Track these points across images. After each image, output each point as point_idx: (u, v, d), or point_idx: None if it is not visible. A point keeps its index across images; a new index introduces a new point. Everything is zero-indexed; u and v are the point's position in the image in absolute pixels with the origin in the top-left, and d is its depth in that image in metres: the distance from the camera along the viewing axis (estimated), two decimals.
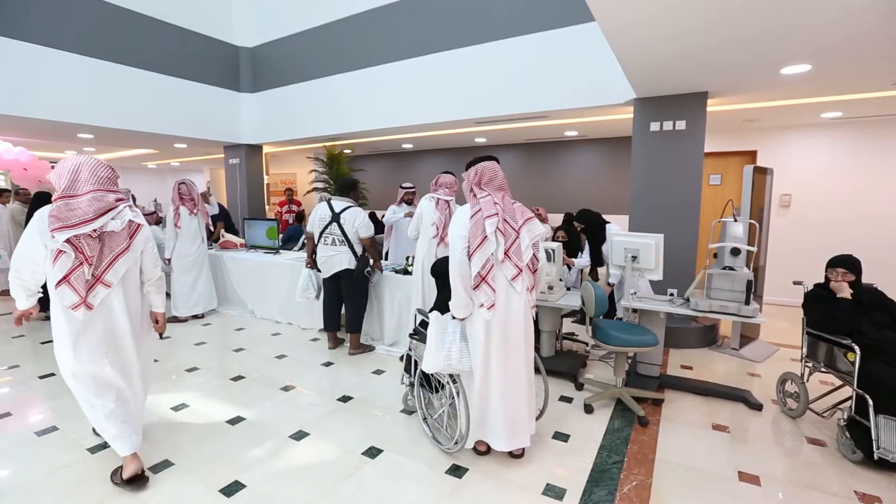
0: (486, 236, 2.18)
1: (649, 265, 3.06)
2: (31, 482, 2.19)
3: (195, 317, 4.99)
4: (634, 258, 3.09)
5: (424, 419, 2.59)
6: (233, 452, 2.45)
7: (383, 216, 5.12)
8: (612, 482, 2.19)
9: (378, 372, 3.55)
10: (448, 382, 2.37)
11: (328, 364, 3.71)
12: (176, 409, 2.95)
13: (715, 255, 3.20)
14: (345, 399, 3.07)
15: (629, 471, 2.28)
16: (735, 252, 3.03)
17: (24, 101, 5.12)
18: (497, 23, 5.14)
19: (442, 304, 2.41)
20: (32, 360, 3.80)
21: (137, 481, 2.13)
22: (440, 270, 2.67)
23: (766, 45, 2.80)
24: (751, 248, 3.00)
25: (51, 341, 4.20)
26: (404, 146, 8.66)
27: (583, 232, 4.47)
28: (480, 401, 2.29)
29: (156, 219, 6.10)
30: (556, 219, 7.32)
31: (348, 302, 3.85)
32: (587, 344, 4.16)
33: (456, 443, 2.35)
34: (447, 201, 3.75)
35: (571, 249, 4.61)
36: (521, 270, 2.24)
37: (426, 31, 5.68)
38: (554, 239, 4.75)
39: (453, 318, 2.28)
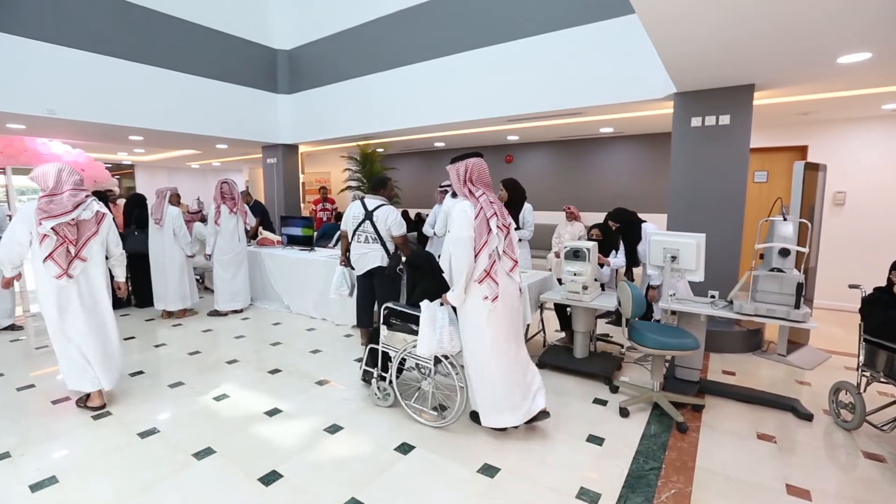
0: (490, 233, 2.39)
1: (690, 266, 2.95)
2: (88, 463, 2.33)
3: (235, 311, 5.18)
4: (674, 258, 2.98)
5: (407, 404, 2.82)
6: (271, 443, 2.53)
7: (417, 214, 5.15)
8: (649, 489, 2.13)
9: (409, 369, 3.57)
10: (442, 363, 2.64)
11: (361, 360, 3.76)
12: (217, 398, 3.07)
13: (762, 256, 3.05)
14: None
15: (667, 478, 2.21)
16: (784, 253, 2.87)
17: (83, 105, 5.46)
18: (530, 19, 5.08)
19: (426, 293, 2.64)
20: None
21: (99, 410, 2.87)
22: (416, 264, 2.91)
23: (820, 33, 2.64)
24: (802, 249, 2.84)
25: None
26: (436, 145, 8.69)
27: (618, 231, 4.35)
28: (491, 382, 2.48)
29: (200, 216, 6.37)
30: (589, 217, 7.18)
31: (381, 299, 3.88)
32: (622, 346, 4.05)
33: (444, 417, 2.70)
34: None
35: (606, 249, 4.50)
36: (516, 262, 2.52)
37: (458, 29, 5.67)
38: (588, 238, 4.64)
39: (441, 305, 2.54)
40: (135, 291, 5.47)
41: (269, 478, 2.21)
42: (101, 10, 5.51)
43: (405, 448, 2.46)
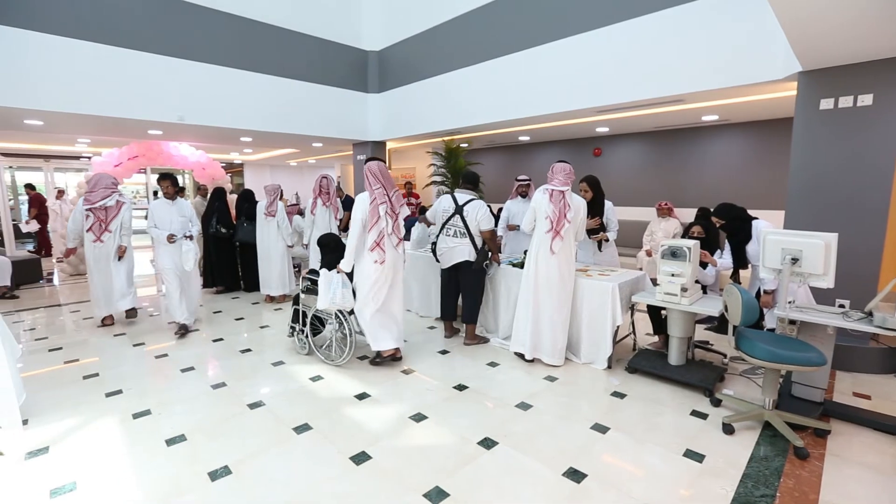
0: (378, 217, 3.27)
1: (815, 270, 2.58)
2: (209, 426, 2.65)
3: None
4: (795, 261, 2.63)
5: (319, 350, 3.69)
6: (360, 425, 2.68)
7: (499, 210, 5.13)
8: None
9: (492, 364, 3.58)
10: (339, 319, 3.49)
11: (444, 352, 3.85)
12: (313, 379, 3.32)
13: None
14: (460, 388, 3.16)
15: None
16: None
17: (205, 112, 6.19)
18: (623, 2, 4.76)
19: (327, 264, 3.50)
20: (207, 326, 4.60)
21: (108, 326, 4.62)
22: (324, 242, 3.77)
23: None
24: None
25: (221, 311, 4.98)
26: (521, 138, 8.54)
27: (722, 229, 3.94)
28: (379, 322, 3.43)
29: (298, 210, 6.91)
30: (685, 214, 6.60)
31: (465, 293, 3.93)
32: (725, 355, 3.68)
33: (343, 357, 3.54)
34: (562, 192, 3.48)
35: (708, 248, 4.10)
36: (401, 240, 3.43)
37: (545, 19, 5.50)
38: (687, 235, 4.26)
39: (337, 272, 3.31)
40: (243, 277, 6.10)
41: (360, 458, 2.34)
42: (217, 25, 6.17)
43: (488, 443, 2.47)
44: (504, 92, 6.07)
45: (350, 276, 3.40)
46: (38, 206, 8.89)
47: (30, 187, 9.33)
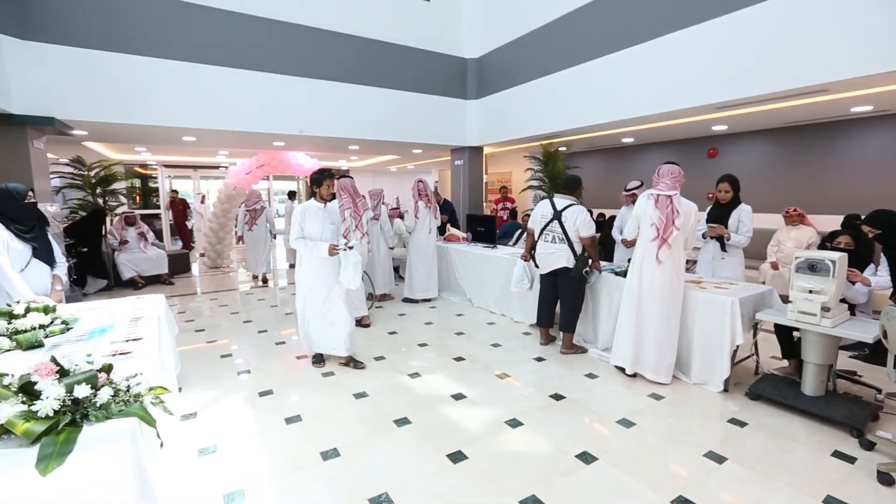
0: (344, 218, 4.14)
1: None
2: (321, 411, 2.92)
3: (425, 300, 5.77)
4: None
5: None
6: (457, 424, 2.74)
7: (599, 214, 4.91)
8: None
9: (591, 375, 3.43)
10: None
11: (540, 359, 3.78)
12: (412, 376, 3.47)
13: None
14: (557, 397, 3.08)
15: None
16: None
17: (319, 123, 6.82)
18: None
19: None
20: None
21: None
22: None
23: None
24: None
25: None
26: (624, 140, 8.08)
27: (876, 240, 3.33)
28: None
29: (398, 213, 7.28)
30: (821, 222, 5.70)
31: (564, 300, 3.82)
32: (879, 390, 3.11)
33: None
34: (669, 196, 3.18)
35: (858, 262, 3.49)
36: (365, 234, 4.49)
37: (653, 13, 5.13)
38: (829, 246, 3.67)
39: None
40: None
41: (456, 456, 2.40)
42: (333, 44, 6.76)
43: (587, 457, 2.37)
44: (608, 92, 5.80)
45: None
46: (178, 207, 10.60)
47: (174, 192, 11.15)
